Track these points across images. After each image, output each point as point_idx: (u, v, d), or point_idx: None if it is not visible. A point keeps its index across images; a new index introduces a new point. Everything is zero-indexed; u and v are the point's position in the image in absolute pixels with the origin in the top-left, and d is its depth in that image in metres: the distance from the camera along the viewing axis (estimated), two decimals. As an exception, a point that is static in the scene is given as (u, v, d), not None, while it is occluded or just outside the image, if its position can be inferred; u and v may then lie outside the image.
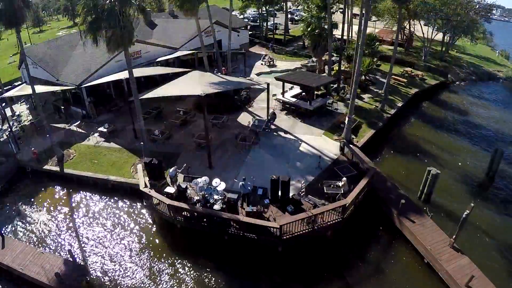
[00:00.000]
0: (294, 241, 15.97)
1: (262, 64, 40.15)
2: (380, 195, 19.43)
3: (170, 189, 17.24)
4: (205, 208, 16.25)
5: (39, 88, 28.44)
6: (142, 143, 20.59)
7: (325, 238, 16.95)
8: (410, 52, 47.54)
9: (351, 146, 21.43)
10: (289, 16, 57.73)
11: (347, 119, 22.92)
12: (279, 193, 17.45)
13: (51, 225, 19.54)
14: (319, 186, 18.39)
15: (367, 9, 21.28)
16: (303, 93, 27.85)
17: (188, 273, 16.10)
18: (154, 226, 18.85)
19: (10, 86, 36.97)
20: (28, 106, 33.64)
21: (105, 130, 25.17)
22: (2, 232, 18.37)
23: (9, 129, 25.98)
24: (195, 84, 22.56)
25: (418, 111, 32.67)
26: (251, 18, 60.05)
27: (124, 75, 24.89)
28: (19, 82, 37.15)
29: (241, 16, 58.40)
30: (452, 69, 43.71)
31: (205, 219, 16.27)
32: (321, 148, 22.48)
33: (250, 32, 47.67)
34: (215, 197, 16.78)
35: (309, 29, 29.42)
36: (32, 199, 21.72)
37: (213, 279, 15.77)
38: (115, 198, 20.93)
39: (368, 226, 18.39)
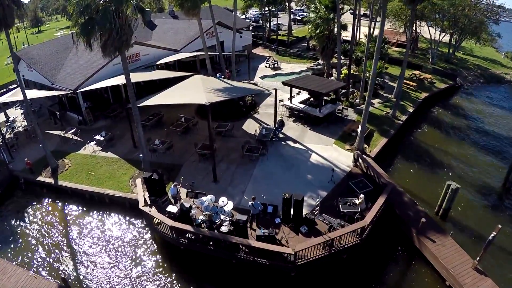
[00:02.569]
0: (309, 266, 14.61)
1: (266, 66, 38.73)
2: (398, 211, 18.13)
3: (173, 208, 15.76)
4: (211, 231, 14.82)
5: (32, 93, 27.05)
6: (141, 155, 19.14)
7: (341, 259, 15.64)
8: (416, 54, 46.32)
9: (365, 158, 20.04)
10: (291, 16, 56.26)
11: (360, 128, 21.56)
12: (291, 212, 16.04)
13: (45, 244, 18.10)
14: (335, 203, 17.00)
15: (384, 11, 19.91)
16: (312, 99, 26.46)
17: (193, 301, 14.79)
18: (155, 246, 17.45)
19: (5, 90, 35.61)
20: (23, 111, 32.16)
21: (102, 138, 23.69)
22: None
23: (1, 137, 24.50)
24: (198, 90, 21.12)
25: (429, 116, 31.41)
26: (253, 19, 58.60)
27: (121, 80, 23.46)
28: (15, 85, 35.74)
29: (243, 17, 56.93)
30: (460, 72, 42.50)
31: (211, 242, 14.86)
32: (332, 159, 21.10)
33: (252, 33, 46.19)
34: (222, 217, 15.37)
35: (317, 31, 27.96)
36: (25, 214, 20.28)
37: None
38: (113, 213, 19.51)
39: (386, 245, 17.13)
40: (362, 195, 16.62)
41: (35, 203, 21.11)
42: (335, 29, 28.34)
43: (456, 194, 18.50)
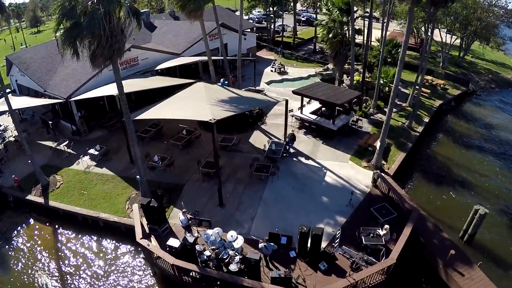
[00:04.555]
0: (330, 310, 12.84)
1: (272, 70, 36.70)
2: (422, 239, 16.32)
3: (174, 242, 13.85)
4: (219, 272, 12.96)
5: (22, 102, 25.19)
6: (138, 176, 17.25)
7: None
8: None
9: (386, 178, 18.16)
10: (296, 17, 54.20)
11: (378, 143, 19.72)
12: (308, 245, 14.22)
13: (31, 274, 16.23)
14: (356, 234, 15.14)
15: (411, 16, 18.06)
16: (323, 108, 24.58)
17: None
18: (155, 280, 15.59)
19: (-1, 94, 33.64)
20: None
21: (96, 152, 21.75)
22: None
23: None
24: (202, 102, 19.25)
25: (444, 126, 29.56)
26: (256, 20, 56.59)
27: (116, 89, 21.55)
28: (8, 90, 33.69)
29: (246, 17, 54.91)
30: (471, 77, 40.68)
31: (219, 283, 13.01)
32: (349, 179, 19.22)
33: (256, 35, 44.18)
34: (231, 252, 13.51)
35: (330, 35, 26.00)
36: (13, 238, 18.45)
37: None
38: (108, 239, 17.66)
39: (408, 277, 15.35)
40: (387, 226, 14.77)
41: (23, 224, 19.30)
42: (347, 33, 26.51)
43: (483, 219, 16.85)
